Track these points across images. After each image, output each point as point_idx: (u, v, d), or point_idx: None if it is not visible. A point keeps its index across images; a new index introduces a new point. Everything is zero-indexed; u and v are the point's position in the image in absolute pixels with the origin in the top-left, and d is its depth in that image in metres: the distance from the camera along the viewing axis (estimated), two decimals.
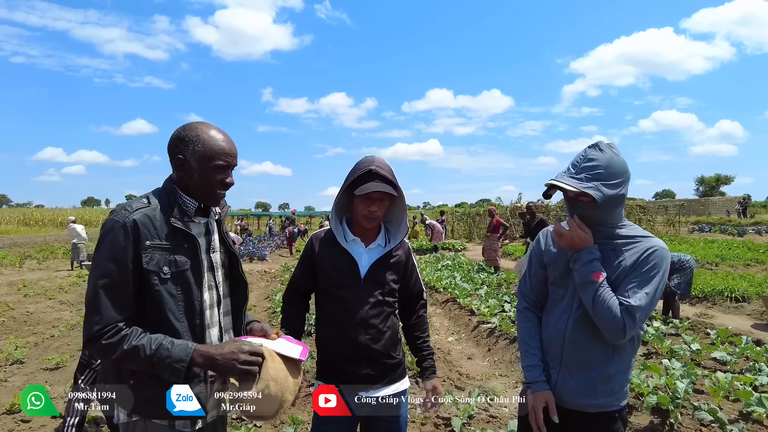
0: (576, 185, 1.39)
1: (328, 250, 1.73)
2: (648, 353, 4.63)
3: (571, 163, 1.47)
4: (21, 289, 9.38)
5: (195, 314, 1.35)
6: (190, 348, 1.26)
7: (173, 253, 1.32)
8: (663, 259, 1.43)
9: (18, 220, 43.56)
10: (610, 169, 1.39)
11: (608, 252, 1.47)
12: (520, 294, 1.72)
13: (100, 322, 1.21)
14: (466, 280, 9.15)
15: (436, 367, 1.86)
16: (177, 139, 1.36)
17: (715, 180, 58.06)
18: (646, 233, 1.49)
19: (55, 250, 19.10)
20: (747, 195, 32.95)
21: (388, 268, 1.75)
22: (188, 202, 1.38)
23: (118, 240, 1.25)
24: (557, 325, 1.55)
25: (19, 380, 4.36)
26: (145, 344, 1.22)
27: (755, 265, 10.58)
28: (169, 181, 1.40)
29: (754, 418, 3.06)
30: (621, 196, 1.42)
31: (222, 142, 1.38)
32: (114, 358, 1.23)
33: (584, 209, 1.44)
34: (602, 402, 1.49)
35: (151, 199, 1.35)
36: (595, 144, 1.45)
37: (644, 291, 1.40)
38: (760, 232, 19.79)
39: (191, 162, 1.34)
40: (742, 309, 6.70)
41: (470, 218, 24.91)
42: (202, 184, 1.37)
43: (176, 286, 1.32)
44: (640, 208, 20.69)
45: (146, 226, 1.28)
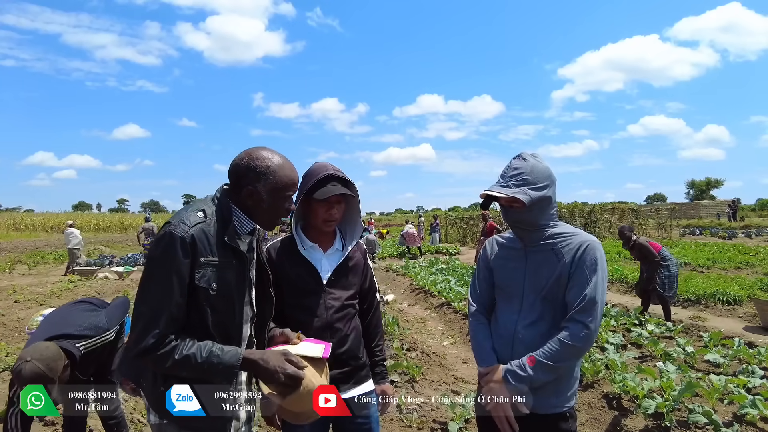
0: (505, 192, 1.55)
1: (286, 260, 1.75)
2: (642, 356, 4.66)
3: (501, 174, 1.62)
4: (11, 295, 9.25)
5: (234, 328, 1.39)
6: (240, 354, 1.31)
7: (223, 270, 1.34)
8: (596, 250, 1.54)
9: (8, 225, 42.93)
10: (533, 174, 1.55)
11: (548, 253, 1.58)
12: (470, 298, 1.79)
13: (156, 335, 1.23)
14: (461, 284, 9.14)
15: (387, 372, 1.93)
16: (246, 169, 1.36)
17: (706, 184, 58.66)
18: (576, 230, 1.63)
19: (46, 255, 18.89)
20: (737, 198, 33.25)
21: (349, 271, 1.80)
22: (246, 223, 1.41)
23: (178, 254, 1.26)
24: (507, 327, 1.63)
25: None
26: (196, 353, 1.26)
27: (746, 267, 10.69)
28: (226, 199, 1.41)
29: (748, 420, 3.09)
30: (548, 197, 1.57)
31: (290, 172, 1.41)
32: (167, 366, 1.25)
33: (516, 213, 1.58)
34: (553, 402, 1.56)
35: (208, 213, 1.35)
36: (518, 155, 1.62)
37: (589, 289, 1.50)
38: (750, 235, 19.94)
39: (262, 194, 1.37)
40: (734, 312, 6.76)
41: (464, 222, 24.99)
42: (269, 214, 1.41)
43: (221, 303, 1.35)
44: (632, 211, 20.84)
45: (202, 242, 1.29)
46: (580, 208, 21.37)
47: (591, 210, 20.33)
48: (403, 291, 9.82)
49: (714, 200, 42.11)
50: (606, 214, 19.99)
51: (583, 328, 1.47)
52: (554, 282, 1.55)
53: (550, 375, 1.50)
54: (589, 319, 1.48)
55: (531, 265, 1.61)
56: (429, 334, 6.43)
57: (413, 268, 12.12)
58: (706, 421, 2.99)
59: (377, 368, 1.89)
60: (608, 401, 3.58)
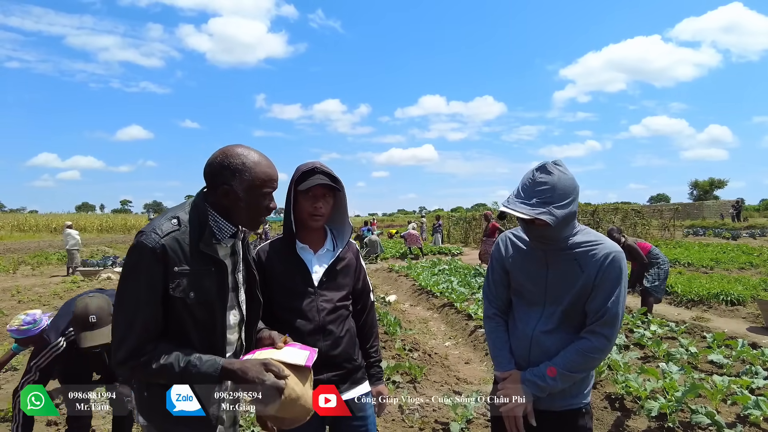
0: (528, 212, 1.40)
1: (276, 262, 1.72)
2: (645, 357, 4.64)
3: (521, 186, 1.47)
4: (15, 296, 9.31)
5: (217, 336, 1.36)
6: (218, 363, 1.26)
7: (200, 279, 1.30)
8: (621, 261, 1.48)
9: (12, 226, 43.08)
10: (559, 189, 1.41)
11: (570, 263, 1.50)
12: (486, 300, 1.75)
13: (131, 347, 1.21)
14: (463, 284, 9.13)
15: (383, 373, 1.91)
16: (221, 167, 1.31)
17: (709, 184, 58.45)
18: (600, 236, 1.54)
19: (50, 255, 18.96)
20: (741, 199, 33.05)
21: (341, 272, 1.78)
22: (225, 227, 1.36)
23: (149, 266, 1.23)
24: (524, 329, 1.59)
25: (12, 387, 4.29)
26: (173, 362, 1.23)
27: (750, 268, 10.64)
28: (202, 202, 1.36)
29: (752, 421, 3.07)
30: (573, 213, 1.45)
31: (267, 168, 1.35)
32: (143, 376, 1.24)
33: (539, 230, 1.46)
34: (568, 402, 1.56)
35: (182, 221, 1.31)
36: (542, 166, 1.46)
37: (611, 302, 1.46)
38: (754, 235, 19.86)
39: (238, 192, 1.31)
40: (738, 312, 6.73)
41: (466, 222, 24.93)
42: (248, 212, 1.35)
43: (201, 311, 1.31)
44: (635, 212, 20.74)
45: (175, 252, 1.25)
46: (583, 208, 21.22)
47: (594, 210, 20.22)
48: (405, 292, 9.80)
49: (718, 201, 41.93)
50: (609, 215, 19.91)
51: (604, 340, 1.46)
52: (576, 294, 1.49)
53: (569, 383, 1.51)
54: (610, 332, 1.46)
55: (552, 274, 1.53)
56: (431, 335, 6.42)
57: (415, 268, 12.10)
58: (709, 422, 2.97)
59: (373, 369, 1.87)
60: (611, 402, 3.57)
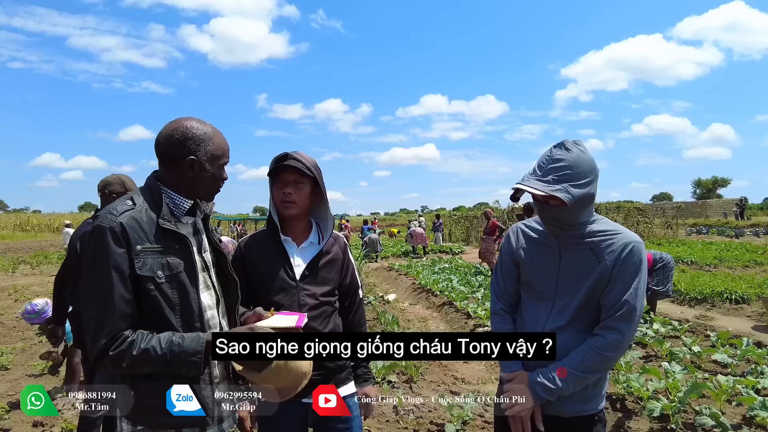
0: (543, 188, 1.32)
1: (256, 254, 1.68)
2: (647, 356, 4.55)
3: (537, 164, 1.39)
4: (12, 294, 9.26)
5: (194, 316, 1.31)
6: (203, 338, 1.22)
7: (166, 256, 1.26)
8: (641, 252, 1.39)
9: (14, 226, 43.22)
10: (577, 168, 1.33)
11: (586, 253, 1.41)
12: (494, 295, 1.64)
13: (107, 335, 1.16)
14: (463, 283, 9.06)
15: (370, 374, 1.84)
16: (184, 139, 1.30)
17: (712, 183, 58.24)
18: (619, 226, 1.45)
19: (50, 255, 18.93)
20: (744, 197, 32.92)
21: (325, 266, 1.71)
22: (180, 202, 1.34)
23: (111, 246, 1.18)
24: (533, 327, 1.48)
25: (2, 387, 4.26)
26: (155, 345, 1.18)
27: (754, 266, 10.54)
28: (153, 180, 1.34)
29: (758, 422, 2.97)
30: (591, 195, 1.37)
31: (224, 140, 1.38)
32: (125, 366, 1.18)
33: (554, 212, 1.38)
34: (579, 408, 1.43)
35: (136, 200, 1.28)
36: (560, 143, 1.38)
37: (629, 295, 1.36)
38: (758, 234, 19.77)
39: (203, 162, 1.31)
40: (742, 311, 6.62)
41: (467, 221, 24.86)
42: (211, 182, 1.36)
43: (172, 289, 1.27)
44: (638, 210, 20.67)
45: (134, 230, 1.22)
46: None
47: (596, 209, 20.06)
48: (405, 290, 9.74)
49: (721, 199, 41.76)
50: (612, 213, 19.82)
51: (620, 336, 1.35)
52: (591, 286, 1.39)
53: (581, 385, 1.39)
54: (627, 327, 1.35)
55: (566, 265, 1.43)
56: None
57: (415, 267, 12.03)
58: (714, 424, 2.88)
59: (359, 370, 1.80)
60: (612, 402, 3.47)
